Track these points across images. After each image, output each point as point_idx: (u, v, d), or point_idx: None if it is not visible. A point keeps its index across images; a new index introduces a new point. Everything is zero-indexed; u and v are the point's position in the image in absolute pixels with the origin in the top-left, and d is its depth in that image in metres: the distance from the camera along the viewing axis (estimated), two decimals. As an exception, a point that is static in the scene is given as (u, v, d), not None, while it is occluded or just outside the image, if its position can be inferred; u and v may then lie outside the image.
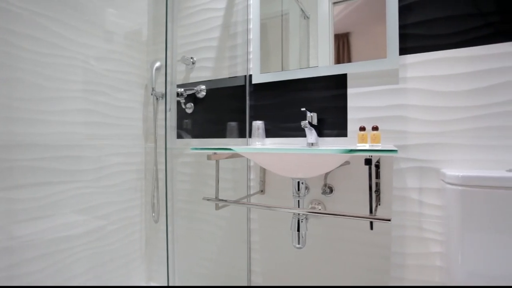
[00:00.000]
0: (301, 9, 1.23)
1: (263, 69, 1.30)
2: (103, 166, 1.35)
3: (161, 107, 1.52)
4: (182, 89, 1.40)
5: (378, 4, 1.08)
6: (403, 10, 1.05)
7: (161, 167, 1.51)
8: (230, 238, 1.37)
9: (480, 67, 0.95)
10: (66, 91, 1.19)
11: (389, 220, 0.77)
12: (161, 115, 1.52)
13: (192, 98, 1.43)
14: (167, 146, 1.26)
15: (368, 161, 0.76)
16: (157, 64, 1.50)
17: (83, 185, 1.25)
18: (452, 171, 0.89)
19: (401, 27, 1.05)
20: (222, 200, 1.02)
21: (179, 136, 1.48)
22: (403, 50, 1.05)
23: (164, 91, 1.37)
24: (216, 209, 1.03)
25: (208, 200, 1.05)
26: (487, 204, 0.83)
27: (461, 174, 0.86)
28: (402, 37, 1.05)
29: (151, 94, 1.49)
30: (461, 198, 0.85)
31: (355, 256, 1.13)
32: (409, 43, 1.04)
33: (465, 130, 0.97)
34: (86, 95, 1.27)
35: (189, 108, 1.44)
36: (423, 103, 1.02)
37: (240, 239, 1.35)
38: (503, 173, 0.84)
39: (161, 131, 1.52)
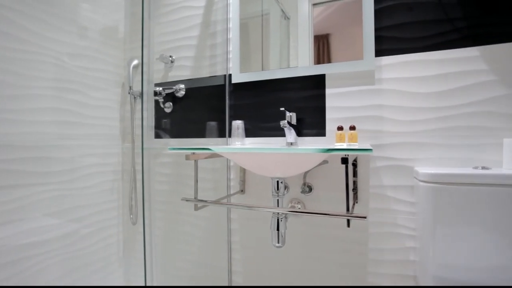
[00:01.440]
0: (282, 9, 1.24)
1: (244, 69, 1.29)
2: (76, 168, 1.29)
3: (139, 106, 1.48)
4: (161, 88, 1.37)
5: (356, 7, 1.10)
6: (379, 13, 1.08)
7: (139, 167, 1.47)
8: (210, 239, 1.35)
9: (448, 70, 1.00)
10: (36, 89, 1.13)
11: (365, 218, 0.79)
12: (138, 115, 1.48)
13: (171, 97, 1.40)
14: (145, 146, 1.23)
15: (344, 160, 0.78)
16: (135, 62, 1.46)
17: (55, 188, 1.20)
18: (424, 169, 0.93)
19: (377, 29, 1.08)
20: (201, 200, 1.01)
21: (158, 136, 1.45)
22: (379, 52, 1.08)
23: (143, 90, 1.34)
24: (195, 209, 1.02)
25: (187, 200, 1.03)
26: (455, 199, 0.87)
27: (432, 171, 0.89)
28: (378, 39, 1.08)
29: (128, 93, 1.45)
30: (432, 195, 0.89)
31: (334, 253, 1.15)
32: (385, 45, 1.08)
33: (436, 129, 1.01)
34: (58, 93, 1.22)
35: (168, 107, 1.41)
36: (397, 104, 1.06)
37: (221, 239, 1.34)
38: (470, 170, 0.88)
39: (138, 131, 1.48)
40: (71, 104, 1.27)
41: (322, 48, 1.16)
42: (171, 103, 1.41)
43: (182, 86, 1.38)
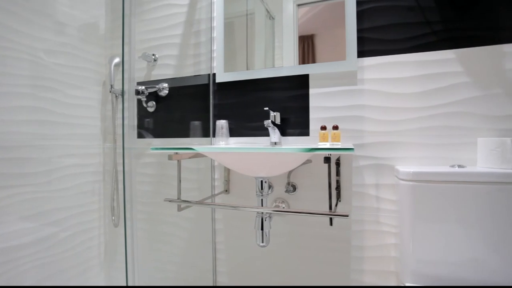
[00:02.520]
0: (267, 9, 1.24)
1: (229, 68, 1.29)
2: (54, 169, 1.25)
3: (121, 105, 1.45)
4: (143, 87, 1.34)
5: (339, 8, 1.12)
6: (361, 15, 1.10)
7: (121, 168, 1.44)
8: (194, 239, 1.34)
9: (426, 72, 1.03)
10: (11, 86, 1.08)
11: (347, 216, 0.80)
12: (120, 114, 1.44)
13: (154, 96, 1.38)
14: (127, 146, 1.20)
15: (327, 160, 0.79)
16: (116, 60, 1.42)
17: (31, 190, 1.15)
18: (405, 168, 0.95)
19: (359, 31, 1.10)
20: (185, 201, 0.99)
21: (140, 135, 1.42)
22: (361, 53, 1.10)
23: (125, 88, 1.30)
24: (178, 210, 1.01)
25: (170, 201, 1.01)
26: (433, 197, 0.90)
27: (412, 170, 0.92)
28: (360, 40, 1.10)
29: (110, 92, 1.41)
30: (412, 192, 0.92)
31: (318, 251, 1.16)
32: (366, 47, 1.10)
33: (415, 129, 1.04)
34: (34, 91, 1.17)
35: (151, 106, 1.38)
36: (378, 104, 1.08)
37: (205, 239, 1.33)
38: (447, 169, 0.91)
39: (120, 131, 1.44)
40: (48, 103, 1.22)
41: (307, 48, 1.17)
42: (154, 102, 1.38)
43: (166, 85, 1.36)
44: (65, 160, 1.30)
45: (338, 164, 1.11)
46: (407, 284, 0.91)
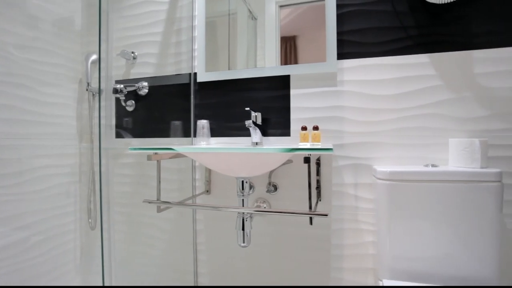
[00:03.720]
0: (249, 9, 1.24)
1: (211, 68, 1.28)
2: (25, 170, 1.19)
3: (98, 104, 1.40)
4: (122, 86, 1.31)
5: (321, 10, 1.14)
6: (341, 18, 1.12)
7: (98, 169, 1.39)
8: (175, 241, 1.32)
9: (402, 74, 1.07)
10: (-24, 83, 1.02)
11: (326, 215, 0.81)
12: (98, 113, 1.40)
13: (133, 95, 1.34)
14: (105, 146, 1.17)
15: (306, 160, 0.80)
16: (93, 57, 1.37)
17: (0, 192, 1.09)
18: (382, 167, 0.98)
19: (339, 33, 1.13)
20: (165, 202, 0.98)
21: (119, 135, 1.38)
22: (341, 55, 1.13)
23: (102, 87, 1.26)
24: (157, 211, 0.99)
25: (149, 202, 0.99)
26: (409, 195, 0.93)
27: (388, 169, 0.95)
28: (340, 43, 1.13)
29: (86, 90, 1.36)
30: (388, 191, 0.95)
31: (299, 250, 1.18)
32: (346, 49, 1.12)
33: (391, 130, 1.08)
34: (4, 88, 1.11)
35: (130, 105, 1.35)
36: (357, 105, 1.11)
37: (186, 241, 1.31)
38: (421, 168, 0.95)
39: (98, 130, 1.39)
40: (20, 101, 1.16)
41: (289, 49, 1.18)
42: (133, 101, 1.35)
43: (145, 83, 1.33)
44: (37, 160, 1.24)
45: (318, 164, 1.13)
46: (384, 280, 0.94)
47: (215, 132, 1.27)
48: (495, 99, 0.99)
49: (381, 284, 0.94)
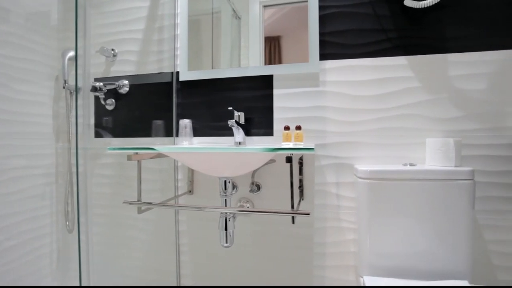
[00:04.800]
0: (233, 9, 1.24)
1: (194, 66, 1.26)
2: (-4, 171, 1.13)
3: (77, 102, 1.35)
4: (101, 84, 1.27)
5: (304, 11, 1.15)
6: (323, 20, 1.14)
7: (78, 169, 1.34)
8: (157, 242, 1.29)
9: (382, 76, 1.10)
10: None
11: (308, 214, 0.82)
12: (75, 111, 1.35)
13: (113, 93, 1.30)
14: (83, 146, 1.13)
15: (288, 159, 0.80)
16: (70, 53, 1.32)
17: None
18: (363, 166, 1.00)
19: (322, 34, 1.14)
20: (146, 203, 0.96)
21: (98, 135, 1.34)
22: (323, 56, 1.14)
23: (80, 84, 1.22)
24: (138, 212, 0.97)
25: (129, 203, 0.97)
26: (388, 193, 0.95)
27: (368, 169, 0.97)
28: (322, 44, 1.14)
29: (63, 88, 1.31)
30: (369, 190, 0.97)
31: (282, 249, 1.18)
32: (328, 50, 1.14)
33: (372, 130, 1.10)
34: (-28, 85, 1.05)
35: (110, 104, 1.31)
36: (339, 105, 1.13)
37: (169, 242, 1.29)
38: (400, 167, 0.97)
39: (75, 129, 1.35)
40: (-11, 98, 1.11)
41: (274, 49, 1.19)
42: (113, 100, 1.31)
43: (126, 82, 1.29)
44: (11, 161, 1.18)
45: (301, 163, 1.14)
46: (364, 276, 0.96)
47: (198, 131, 1.26)
48: (468, 101, 1.03)
49: (361, 280, 0.96)
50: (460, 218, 0.92)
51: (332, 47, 1.13)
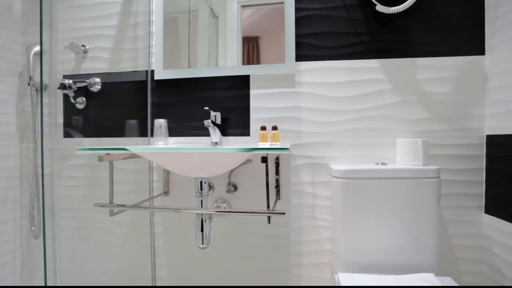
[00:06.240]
0: (210, 7, 1.22)
1: (170, 65, 1.23)
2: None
3: (44, 100, 1.28)
4: (71, 81, 1.21)
5: (282, 13, 1.16)
6: (300, 21, 1.16)
7: (45, 171, 1.27)
8: (131, 246, 1.25)
9: (355, 77, 1.13)
10: None
11: (283, 214, 0.83)
12: (44, 110, 1.28)
13: (84, 92, 1.25)
14: (50, 146, 1.07)
15: (264, 159, 0.80)
16: (36, 48, 1.25)
17: None
18: (337, 166, 1.03)
19: (298, 36, 1.16)
20: (119, 205, 0.92)
21: (67, 135, 1.27)
22: (299, 57, 1.16)
23: (46, 81, 1.16)
24: (110, 215, 0.93)
25: (101, 206, 0.93)
26: (362, 192, 0.98)
27: (342, 168, 1.00)
28: (299, 45, 1.16)
29: (28, 84, 1.23)
30: (343, 188, 0.99)
31: (259, 249, 1.19)
32: (304, 51, 1.16)
33: (346, 130, 1.13)
34: None
35: (81, 103, 1.25)
36: (314, 106, 1.15)
37: (143, 245, 1.25)
38: (372, 166, 1.01)
39: (44, 128, 1.27)
40: None
41: (252, 50, 1.19)
42: (84, 98, 1.25)
43: (98, 80, 1.24)
44: (-33, 163, 1.10)
45: (277, 163, 1.15)
46: (339, 273, 0.98)
47: (173, 131, 1.23)
48: (435, 103, 1.09)
49: (336, 277, 0.99)
50: (427, 214, 0.96)
51: (308, 49, 1.15)
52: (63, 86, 1.17)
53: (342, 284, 0.90)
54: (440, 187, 0.97)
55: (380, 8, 1.06)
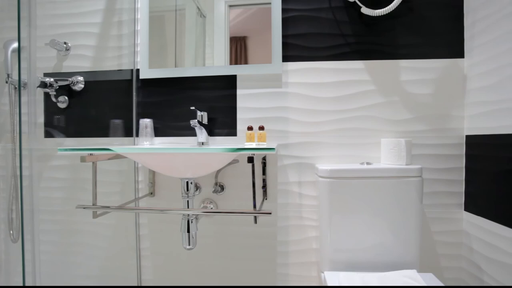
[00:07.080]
0: (198, 6, 1.21)
1: (156, 64, 1.21)
2: None
3: (23, 98, 1.23)
4: (52, 79, 1.17)
5: (269, 13, 1.16)
6: (286, 22, 1.16)
7: (25, 172, 1.23)
8: (116, 248, 1.22)
9: (341, 78, 1.15)
10: None
11: (270, 213, 0.83)
12: (23, 109, 1.23)
13: (66, 90, 1.21)
14: (30, 146, 1.04)
15: (250, 159, 0.80)
16: (14, 44, 1.20)
17: None
18: (323, 166, 1.04)
19: (285, 36, 1.16)
20: (102, 206, 0.90)
21: (49, 135, 1.23)
22: (286, 58, 1.16)
23: (25, 79, 1.12)
24: (93, 217, 0.91)
25: (83, 208, 0.90)
26: (347, 191, 1.00)
27: (328, 168, 1.01)
28: (285, 45, 1.16)
29: (6, 82, 1.19)
30: (329, 188, 1.00)
31: (246, 249, 1.19)
32: (291, 52, 1.16)
33: (332, 130, 1.15)
34: None
35: (62, 102, 1.22)
36: (300, 106, 1.16)
37: (129, 247, 1.23)
38: (358, 166, 1.03)
39: (24, 128, 1.23)
40: None
41: (240, 49, 1.18)
42: (66, 97, 1.22)
43: (81, 78, 1.21)
44: None
45: (264, 163, 1.15)
46: (325, 272, 1.00)
47: (159, 131, 1.22)
48: (417, 104, 1.12)
49: (322, 276, 1.00)
50: (410, 213, 0.99)
51: (295, 49, 1.16)
52: (43, 85, 1.14)
53: (328, 283, 0.91)
54: (422, 186, 1.00)
55: (365, 10, 1.08)
